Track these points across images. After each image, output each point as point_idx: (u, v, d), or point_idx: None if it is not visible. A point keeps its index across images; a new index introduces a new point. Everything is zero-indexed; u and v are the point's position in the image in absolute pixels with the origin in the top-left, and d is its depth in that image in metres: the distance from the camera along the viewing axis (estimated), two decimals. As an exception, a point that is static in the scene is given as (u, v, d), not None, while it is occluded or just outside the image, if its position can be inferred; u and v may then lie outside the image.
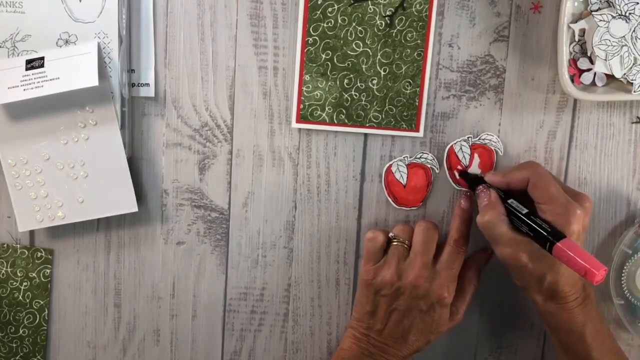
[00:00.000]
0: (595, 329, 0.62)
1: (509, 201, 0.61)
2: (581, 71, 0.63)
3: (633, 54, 0.61)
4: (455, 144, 0.66)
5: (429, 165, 0.67)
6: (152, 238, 0.68)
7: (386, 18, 0.63)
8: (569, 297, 0.61)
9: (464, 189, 0.67)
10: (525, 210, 0.60)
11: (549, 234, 0.57)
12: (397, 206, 0.68)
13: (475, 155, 0.66)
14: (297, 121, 0.65)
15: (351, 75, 0.64)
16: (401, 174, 0.67)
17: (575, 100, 0.66)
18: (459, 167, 0.66)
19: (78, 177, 0.64)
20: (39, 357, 0.69)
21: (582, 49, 0.63)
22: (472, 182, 0.65)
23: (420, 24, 0.64)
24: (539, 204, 0.60)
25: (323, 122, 0.65)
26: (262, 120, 0.66)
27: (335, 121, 0.65)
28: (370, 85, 0.64)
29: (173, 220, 0.67)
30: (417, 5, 0.63)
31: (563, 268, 0.59)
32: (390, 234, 0.65)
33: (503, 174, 0.63)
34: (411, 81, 0.65)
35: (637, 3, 0.60)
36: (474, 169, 0.67)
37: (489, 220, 0.60)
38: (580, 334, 0.61)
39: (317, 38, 0.63)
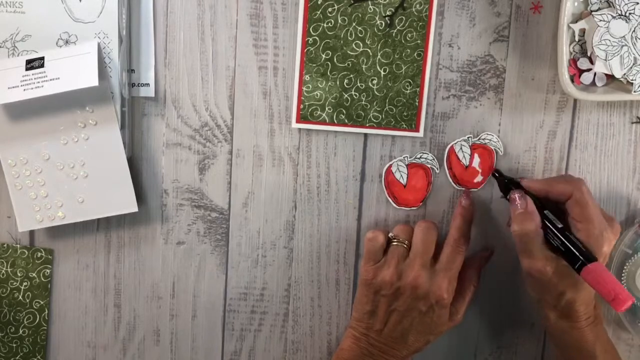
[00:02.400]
0: (605, 349, 0.62)
1: (545, 212, 0.60)
2: (581, 71, 0.63)
3: (633, 54, 0.61)
4: (455, 144, 0.66)
5: (429, 165, 0.67)
6: (152, 238, 0.68)
7: (386, 18, 0.63)
8: (581, 317, 0.61)
9: (464, 188, 0.67)
10: (560, 225, 0.59)
11: (581, 254, 0.57)
12: (397, 206, 0.68)
13: (475, 155, 0.66)
14: (297, 121, 0.65)
15: (351, 75, 0.64)
16: (401, 174, 0.67)
17: (575, 100, 0.66)
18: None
19: (78, 177, 0.64)
20: (39, 357, 0.69)
21: (582, 49, 0.63)
22: (505, 184, 0.64)
23: (420, 24, 0.64)
24: (576, 221, 0.59)
25: (323, 122, 0.65)
26: (262, 120, 0.66)
27: (335, 121, 0.65)
28: (370, 85, 0.65)
29: (173, 220, 0.67)
30: (417, 5, 0.63)
31: (583, 288, 0.59)
32: (390, 234, 0.65)
33: (544, 181, 0.62)
34: (411, 81, 0.65)
35: (637, 3, 0.60)
36: (474, 169, 0.67)
37: (528, 231, 0.59)
38: (590, 353, 0.61)
39: (317, 38, 0.63)
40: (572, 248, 0.57)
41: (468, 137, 0.66)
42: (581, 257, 0.56)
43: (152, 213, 0.67)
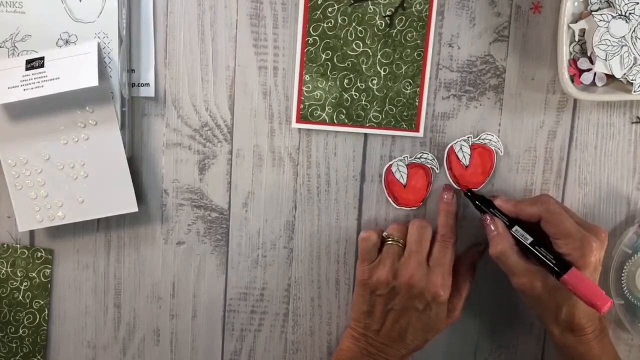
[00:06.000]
0: None
1: (513, 229, 0.62)
2: (581, 71, 0.63)
3: (633, 54, 0.61)
4: (455, 144, 0.66)
5: (429, 165, 0.67)
6: (152, 238, 0.68)
7: (386, 18, 0.63)
8: (586, 330, 0.61)
9: (458, 187, 0.67)
10: (530, 240, 0.60)
11: (555, 264, 0.58)
12: (397, 206, 0.68)
13: (476, 155, 0.66)
14: (297, 121, 0.65)
15: (351, 75, 0.64)
16: (401, 174, 0.67)
17: (575, 100, 0.66)
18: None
19: (78, 177, 0.64)
20: (39, 357, 0.69)
21: (582, 49, 0.63)
22: (478, 202, 0.65)
23: (420, 24, 0.64)
24: (554, 239, 0.60)
25: (323, 122, 0.65)
26: (262, 120, 0.66)
27: (335, 121, 0.65)
28: (370, 85, 0.64)
29: (173, 220, 0.67)
30: (417, 5, 0.63)
31: (579, 302, 0.59)
32: (385, 234, 0.65)
33: (514, 203, 0.63)
34: (411, 81, 0.65)
35: (637, 3, 0.60)
36: (475, 169, 0.67)
37: (501, 251, 0.61)
38: None
39: (317, 38, 0.63)
40: (544, 259, 0.59)
41: (468, 137, 0.66)
42: (555, 268, 0.58)
43: (152, 213, 0.67)
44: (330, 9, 0.63)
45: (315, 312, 0.70)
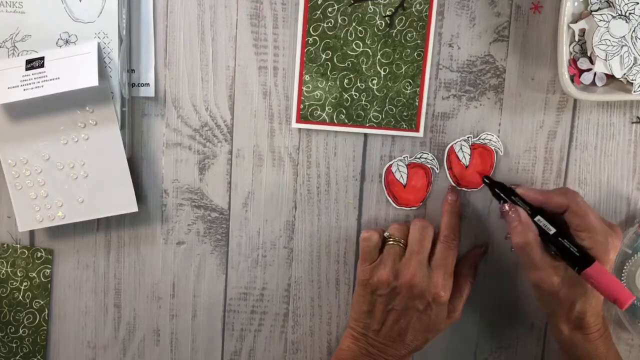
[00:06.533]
0: None
1: (536, 218, 0.60)
2: (581, 71, 0.63)
3: (633, 54, 0.61)
4: (455, 143, 0.66)
5: (429, 165, 0.67)
6: (152, 238, 0.68)
7: (386, 18, 0.63)
8: (592, 328, 0.61)
9: (462, 188, 0.67)
10: (553, 230, 0.59)
11: (579, 257, 0.57)
12: (397, 206, 0.68)
13: (476, 155, 0.66)
14: (297, 121, 0.65)
15: (351, 75, 0.64)
16: (401, 174, 0.67)
17: (575, 100, 0.66)
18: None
19: (78, 177, 0.64)
20: (39, 357, 0.69)
21: (582, 49, 0.63)
22: (497, 190, 0.64)
23: (420, 24, 0.64)
24: (578, 232, 0.59)
25: (323, 122, 0.65)
26: (262, 120, 0.66)
27: (335, 121, 0.65)
28: (370, 85, 0.64)
29: (173, 220, 0.67)
30: (417, 5, 0.63)
31: (592, 298, 0.59)
32: (386, 234, 0.65)
33: (540, 192, 0.62)
34: (411, 81, 0.65)
35: (637, 3, 0.60)
36: (475, 169, 0.67)
37: (527, 241, 0.59)
38: None
39: (317, 38, 0.63)
40: (571, 250, 0.58)
41: (468, 137, 0.66)
42: (579, 260, 0.57)
43: (152, 213, 0.67)
44: (330, 9, 0.63)
45: (315, 312, 0.70)
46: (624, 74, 0.62)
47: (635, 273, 0.67)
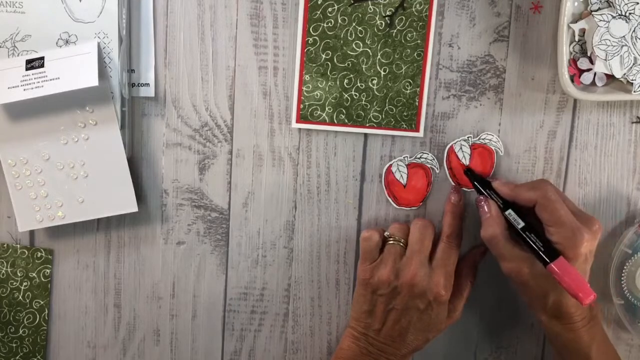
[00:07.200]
0: (601, 350, 0.62)
1: (507, 212, 0.62)
2: (581, 71, 0.63)
3: (633, 54, 0.61)
4: (455, 143, 0.66)
5: (429, 165, 0.67)
6: (152, 238, 0.68)
7: (386, 18, 0.63)
8: (574, 318, 0.61)
9: (462, 188, 0.67)
10: (521, 225, 0.60)
11: (543, 252, 0.58)
12: (397, 206, 0.68)
13: (476, 155, 0.66)
14: (297, 121, 0.65)
15: (351, 75, 0.64)
16: (401, 174, 0.67)
17: (575, 100, 0.66)
18: (466, 164, 0.66)
19: (78, 177, 0.64)
20: (39, 357, 0.69)
21: (582, 49, 0.63)
22: (476, 182, 0.65)
23: (420, 24, 0.64)
24: (547, 226, 0.60)
25: (323, 122, 0.65)
26: (262, 120, 0.66)
27: (335, 121, 0.65)
28: (370, 85, 0.65)
29: (173, 220, 0.67)
30: (417, 5, 0.63)
31: None
32: (386, 233, 0.65)
33: (512, 187, 0.63)
34: (411, 81, 0.65)
35: (637, 3, 0.60)
36: (475, 168, 0.66)
37: (492, 235, 0.61)
38: (586, 355, 0.61)
39: (317, 38, 0.63)
40: (534, 246, 0.59)
41: (468, 137, 0.66)
42: (543, 255, 0.58)
43: (152, 213, 0.67)
44: (330, 9, 0.63)
45: (315, 312, 0.70)
46: (624, 74, 0.62)
47: (635, 273, 0.67)
